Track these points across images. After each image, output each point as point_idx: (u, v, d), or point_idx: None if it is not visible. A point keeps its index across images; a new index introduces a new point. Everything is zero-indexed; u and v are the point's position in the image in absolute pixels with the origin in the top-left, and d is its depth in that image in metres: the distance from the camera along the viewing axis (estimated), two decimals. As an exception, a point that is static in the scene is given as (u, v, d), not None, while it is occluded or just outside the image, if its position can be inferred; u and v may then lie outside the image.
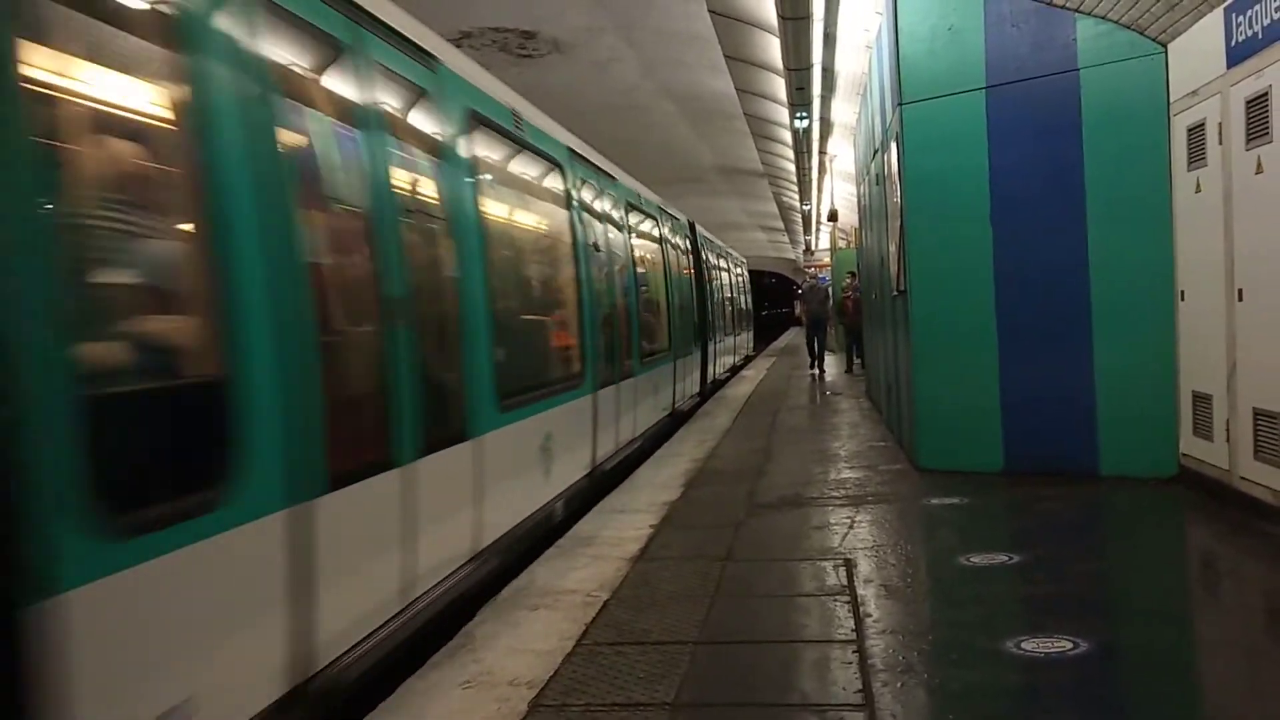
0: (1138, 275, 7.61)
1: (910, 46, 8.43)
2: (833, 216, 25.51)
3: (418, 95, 5.15)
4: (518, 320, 6.90)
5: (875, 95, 10.86)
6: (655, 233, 13.02)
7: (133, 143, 3.11)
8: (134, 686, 2.75)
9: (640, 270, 11.50)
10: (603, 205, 9.67)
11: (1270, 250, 5.96)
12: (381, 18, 4.64)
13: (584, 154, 9.09)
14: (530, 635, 4.72)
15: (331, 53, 4.25)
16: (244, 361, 3.30)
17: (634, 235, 11.29)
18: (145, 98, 3.20)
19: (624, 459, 9.59)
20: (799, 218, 36.63)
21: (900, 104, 8.53)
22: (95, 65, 2.95)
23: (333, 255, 4.25)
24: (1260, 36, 5.96)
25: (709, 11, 14.66)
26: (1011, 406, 8.07)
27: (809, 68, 14.02)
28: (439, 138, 5.39)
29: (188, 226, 3.35)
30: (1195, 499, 6.99)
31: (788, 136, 20.76)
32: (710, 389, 17.61)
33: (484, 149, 6.29)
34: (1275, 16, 5.79)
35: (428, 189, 5.25)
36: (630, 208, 11.24)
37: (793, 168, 24.62)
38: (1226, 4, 6.36)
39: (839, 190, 24.69)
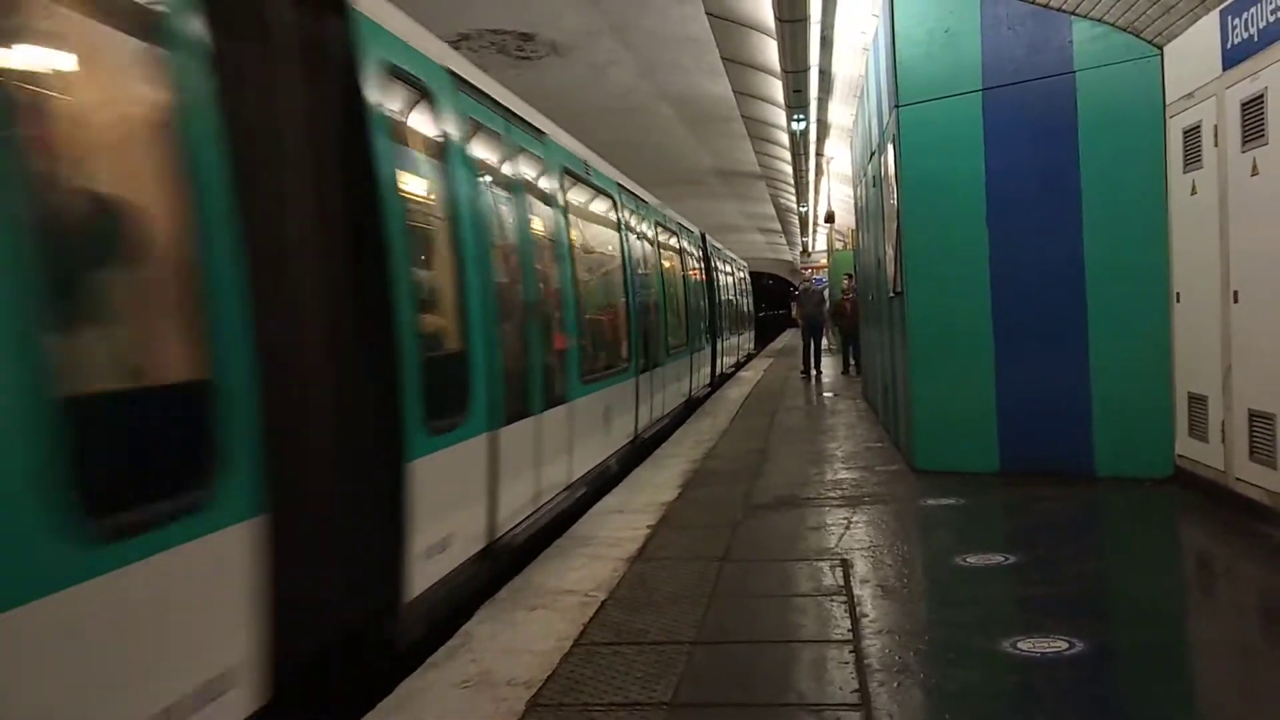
0: (1133, 277, 7.63)
1: (907, 49, 8.45)
2: (830, 218, 25.55)
3: (536, 159, 7.45)
4: (590, 318, 8.94)
5: (872, 97, 10.89)
6: (676, 245, 15.40)
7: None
8: (447, 515, 4.98)
9: (666, 277, 13.82)
10: (640, 225, 12.05)
11: (1265, 252, 5.98)
12: (517, 112, 6.97)
13: (629, 187, 11.51)
14: (528, 635, 4.73)
15: (501, 141, 6.56)
16: (490, 349, 5.69)
17: (662, 249, 13.69)
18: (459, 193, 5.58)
19: (656, 431, 11.86)
20: (796, 220, 36.68)
21: (897, 106, 8.55)
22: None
23: (508, 273, 6.46)
24: (1256, 39, 5.98)
25: (706, 14, 14.68)
26: (1007, 407, 8.09)
27: (806, 70, 14.05)
28: (546, 189, 7.68)
29: (470, 260, 5.55)
30: (1190, 500, 7.01)
31: (785, 139, 20.80)
32: (719, 380, 20.29)
33: (571, 193, 8.53)
34: (1271, 19, 5.82)
35: (544, 226, 7.54)
36: (659, 225, 13.58)
37: (790, 170, 24.66)
38: (1222, 6, 6.39)
39: (836, 192, 24.72)
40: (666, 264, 13.84)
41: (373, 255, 4.38)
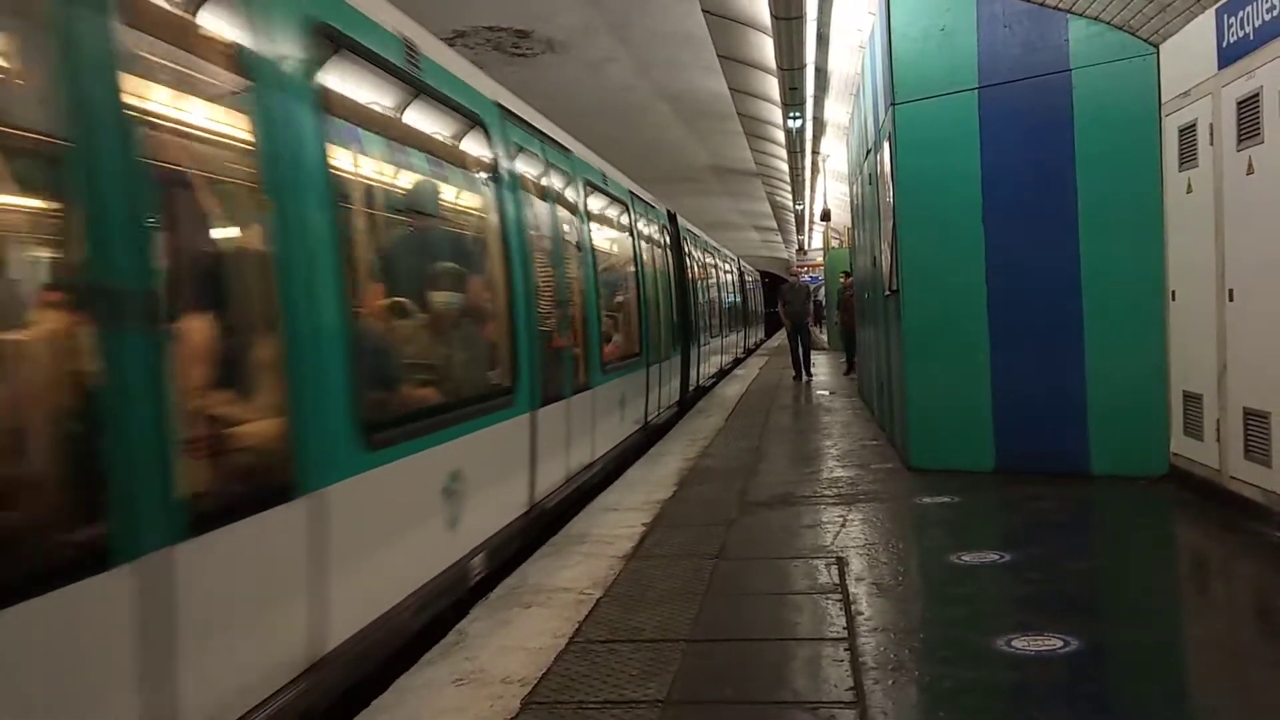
0: (1129, 275, 7.64)
1: (903, 46, 8.45)
2: (825, 216, 25.56)
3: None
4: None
5: (868, 95, 10.89)
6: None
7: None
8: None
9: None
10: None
11: (1261, 251, 5.99)
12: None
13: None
14: (523, 633, 4.73)
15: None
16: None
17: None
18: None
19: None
20: (792, 217, 36.69)
21: (893, 104, 8.55)
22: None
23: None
24: (1252, 37, 5.99)
25: (702, 11, 14.68)
26: (1003, 405, 8.10)
27: (802, 68, 14.05)
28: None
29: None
30: (1185, 498, 7.02)
31: (781, 136, 20.80)
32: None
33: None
34: (1267, 17, 5.82)
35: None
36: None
37: (786, 167, 24.66)
38: (1218, 5, 6.39)
39: (832, 190, 24.74)
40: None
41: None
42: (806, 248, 41.06)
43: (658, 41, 16.78)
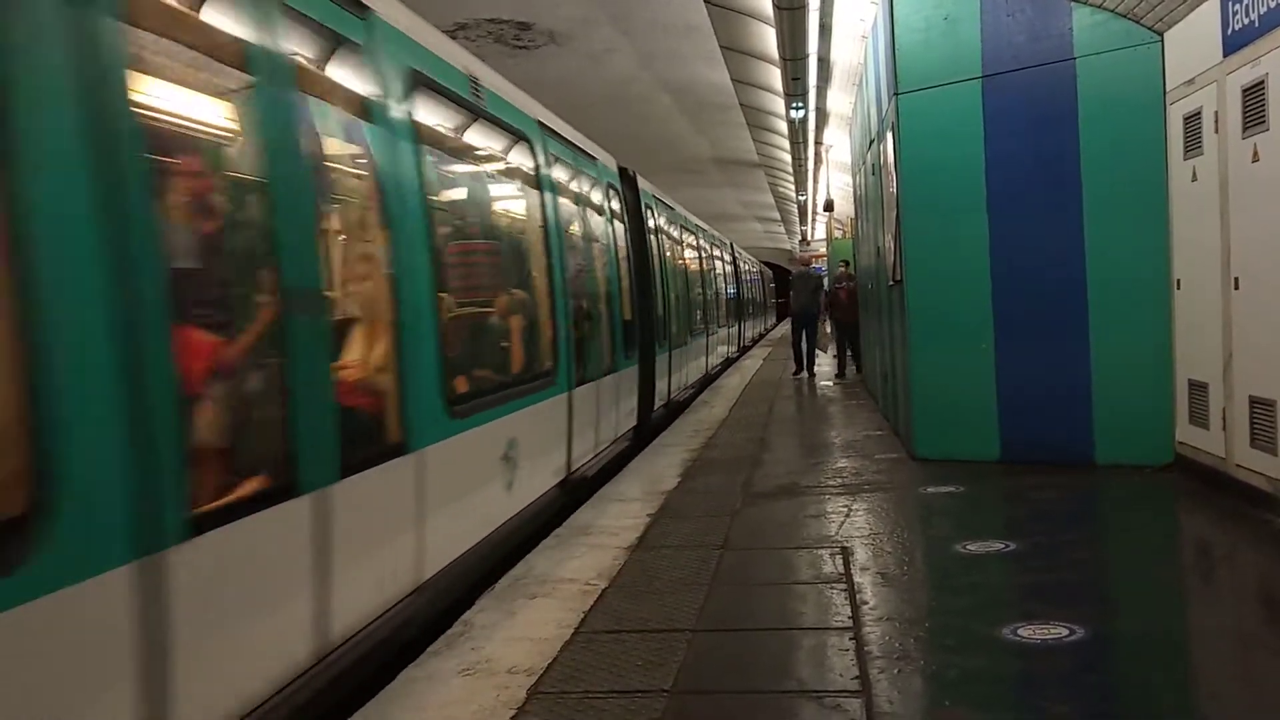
0: (1134, 264, 7.61)
1: (906, 36, 8.42)
2: (829, 207, 25.53)
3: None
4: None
5: (871, 85, 10.85)
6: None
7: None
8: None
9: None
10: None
11: (1266, 238, 5.97)
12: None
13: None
14: (528, 623, 4.73)
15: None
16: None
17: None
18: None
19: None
20: (795, 208, 36.66)
21: (896, 94, 8.52)
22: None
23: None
24: (1257, 24, 5.96)
25: (704, 1, 14.65)
26: (1008, 395, 8.09)
27: (805, 58, 14.03)
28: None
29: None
30: (1191, 487, 7.01)
31: (784, 127, 20.77)
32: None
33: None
34: (1272, 4, 5.78)
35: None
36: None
37: (789, 158, 24.64)
38: (1223, -8, 6.36)
39: (835, 181, 24.70)
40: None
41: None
42: (810, 239, 41.02)
43: (659, 32, 16.75)
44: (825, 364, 18.58)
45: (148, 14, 3.06)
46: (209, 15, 3.46)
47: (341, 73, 4.41)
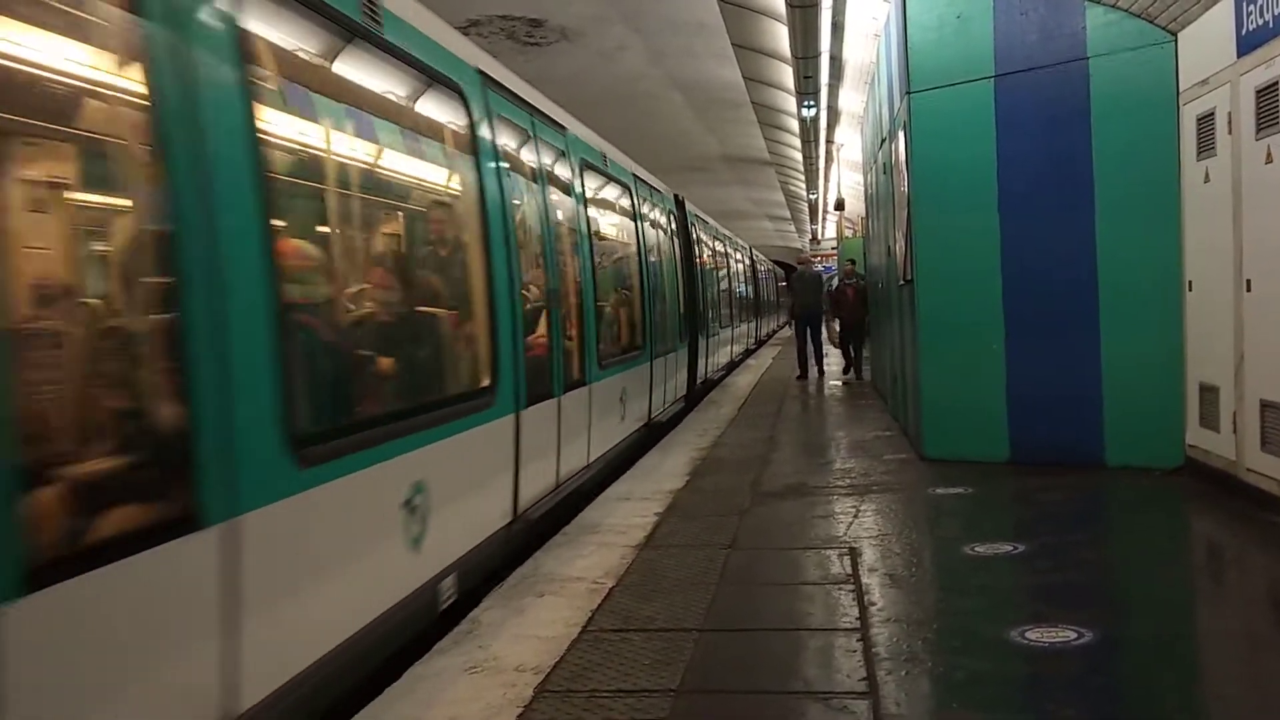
0: (1145, 265, 7.58)
1: (918, 35, 8.40)
2: (839, 205, 25.49)
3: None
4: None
5: (883, 84, 10.83)
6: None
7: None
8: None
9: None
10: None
11: (1279, 241, 5.94)
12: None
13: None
14: (536, 622, 4.74)
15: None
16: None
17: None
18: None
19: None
20: (805, 207, 36.60)
21: (908, 93, 8.50)
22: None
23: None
24: (1271, 25, 5.92)
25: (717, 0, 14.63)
26: (1018, 396, 8.06)
27: (817, 56, 14.00)
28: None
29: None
30: (1201, 490, 6.98)
31: (795, 125, 20.73)
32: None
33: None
34: (1286, 5, 5.75)
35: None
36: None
37: (800, 156, 24.59)
38: (1237, -8, 6.32)
39: (846, 179, 24.66)
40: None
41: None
42: (820, 237, 40.93)
43: (671, 30, 16.74)
44: (834, 363, 18.46)
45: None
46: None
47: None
